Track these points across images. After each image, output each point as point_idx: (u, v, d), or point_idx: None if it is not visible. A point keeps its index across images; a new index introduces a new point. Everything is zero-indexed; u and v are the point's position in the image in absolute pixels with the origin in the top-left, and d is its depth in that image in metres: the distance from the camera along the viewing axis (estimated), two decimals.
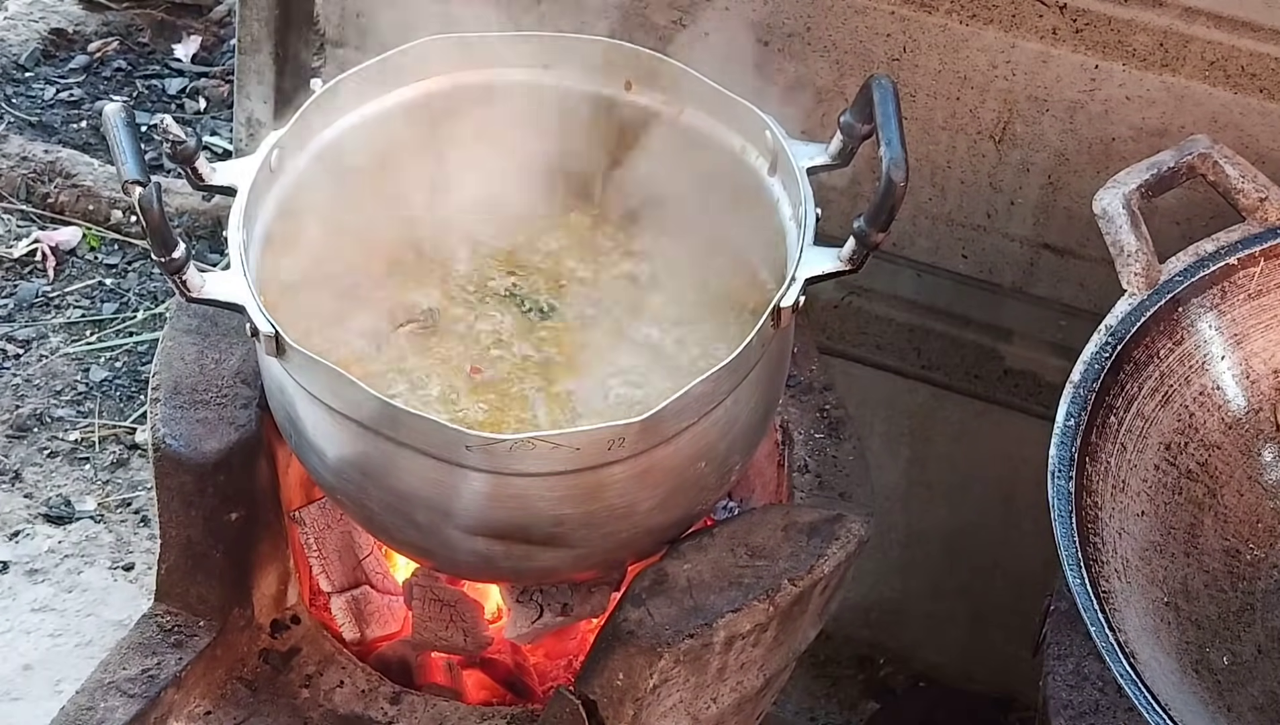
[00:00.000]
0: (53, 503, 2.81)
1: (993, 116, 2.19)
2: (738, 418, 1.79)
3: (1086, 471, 1.80)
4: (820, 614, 1.92)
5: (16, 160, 3.28)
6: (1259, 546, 1.90)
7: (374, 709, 1.94)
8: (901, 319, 2.37)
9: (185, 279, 1.71)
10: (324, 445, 1.78)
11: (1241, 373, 1.92)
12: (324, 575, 2.01)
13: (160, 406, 1.93)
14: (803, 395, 2.06)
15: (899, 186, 1.69)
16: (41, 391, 2.97)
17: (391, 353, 1.87)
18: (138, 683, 1.90)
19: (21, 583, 2.70)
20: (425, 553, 1.88)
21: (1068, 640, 1.85)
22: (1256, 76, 2.04)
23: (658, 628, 1.77)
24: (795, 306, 1.74)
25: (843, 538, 1.87)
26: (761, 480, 2.09)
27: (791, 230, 1.84)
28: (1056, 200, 2.21)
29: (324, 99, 1.90)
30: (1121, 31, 2.07)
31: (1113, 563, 1.77)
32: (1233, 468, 1.91)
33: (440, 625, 1.97)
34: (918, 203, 2.27)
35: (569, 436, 1.67)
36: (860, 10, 2.17)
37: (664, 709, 1.82)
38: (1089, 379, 1.85)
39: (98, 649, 2.57)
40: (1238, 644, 1.83)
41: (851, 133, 1.84)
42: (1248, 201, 1.94)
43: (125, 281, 3.17)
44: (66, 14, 3.63)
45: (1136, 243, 1.89)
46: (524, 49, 1.98)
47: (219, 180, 1.82)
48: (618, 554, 1.86)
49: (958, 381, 2.38)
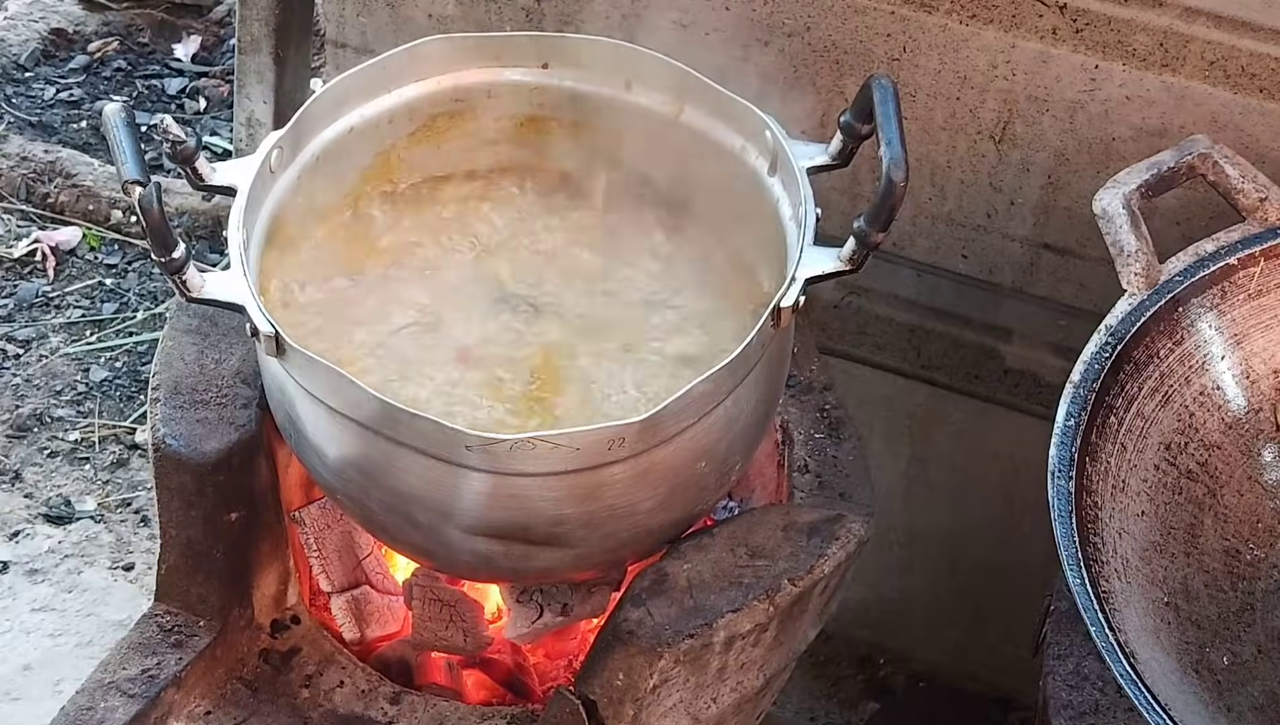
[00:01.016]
0: (53, 503, 2.81)
1: (993, 116, 2.19)
2: (738, 418, 1.79)
3: (1086, 471, 1.80)
4: (820, 614, 1.92)
5: (16, 160, 3.28)
6: (1259, 546, 1.90)
7: (374, 709, 1.94)
8: (901, 319, 2.37)
9: (185, 279, 1.71)
10: (324, 445, 1.78)
11: (1241, 373, 1.92)
12: (324, 575, 2.01)
13: (160, 406, 1.93)
14: (803, 395, 2.06)
15: (899, 186, 1.69)
16: (41, 391, 2.97)
17: (392, 352, 1.87)
18: (138, 683, 1.90)
19: (21, 583, 2.70)
20: (425, 553, 1.88)
21: (1068, 640, 1.85)
22: (1256, 76, 2.04)
23: (658, 628, 1.77)
24: (795, 306, 1.74)
25: (843, 538, 1.87)
26: (761, 480, 2.09)
27: (791, 230, 1.84)
28: (1056, 200, 2.21)
29: (324, 99, 1.90)
30: (1121, 31, 2.07)
31: (1113, 563, 1.77)
32: (1233, 468, 1.91)
33: (440, 625, 1.97)
34: (918, 203, 2.27)
35: (569, 436, 1.67)
36: (860, 10, 2.17)
37: (664, 709, 1.82)
38: (1089, 379, 1.85)
39: (98, 649, 2.57)
40: (1238, 644, 1.83)
41: (851, 133, 1.84)
42: (1248, 201, 1.94)
43: (125, 281, 3.17)
44: (66, 14, 3.63)
45: (1136, 243, 1.89)
46: (524, 49, 1.98)
47: (219, 180, 1.82)
48: (618, 554, 1.86)
49: (958, 381, 2.38)
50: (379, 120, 1.95)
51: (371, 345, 1.87)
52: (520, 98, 1.99)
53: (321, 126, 1.91)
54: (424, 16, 2.35)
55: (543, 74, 1.99)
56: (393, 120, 1.96)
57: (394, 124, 1.96)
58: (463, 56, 1.96)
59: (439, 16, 2.36)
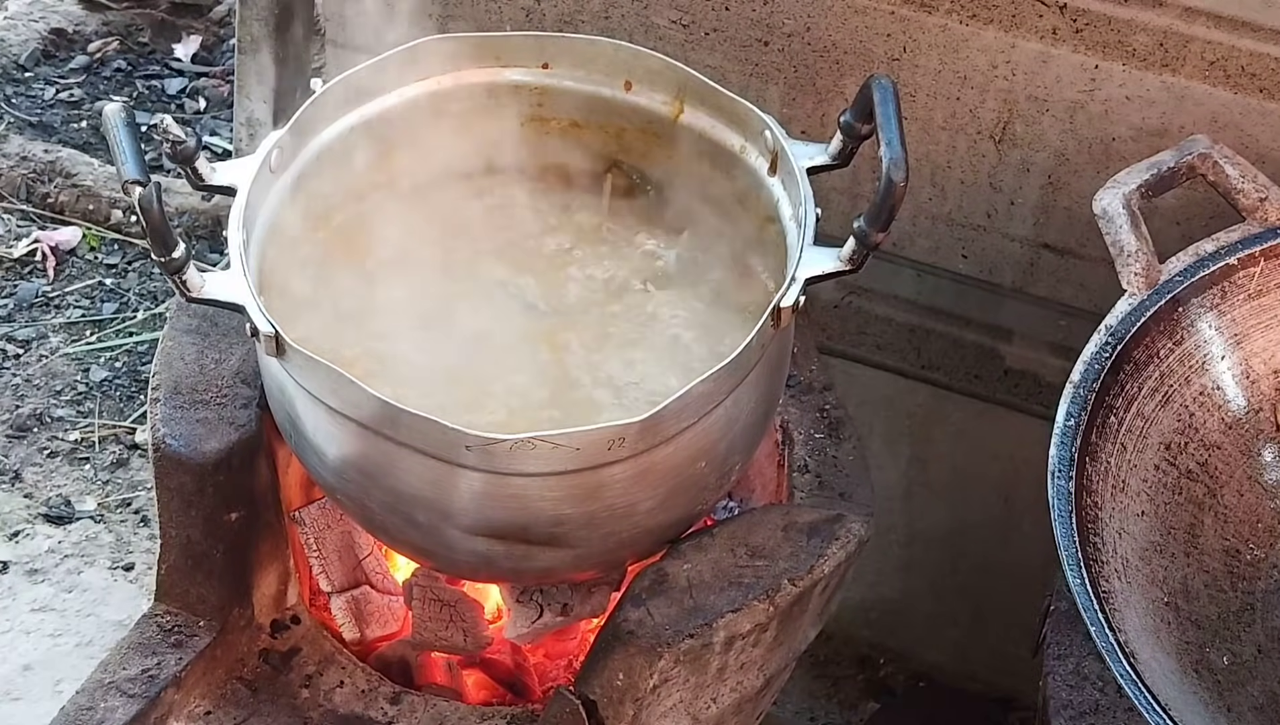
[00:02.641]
0: (53, 503, 2.81)
1: (993, 116, 2.19)
2: (738, 418, 1.79)
3: (1086, 471, 1.80)
4: (820, 614, 1.92)
5: (16, 160, 3.28)
6: (1259, 546, 1.90)
7: (374, 709, 1.94)
8: (901, 319, 2.37)
9: (185, 279, 1.71)
10: (324, 445, 1.78)
11: (1241, 373, 1.92)
12: (324, 575, 2.01)
13: (160, 406, 1.93)
14: (803, 395, 2.06)
15: (899, 186, 1.69)
16: (41, 391, 2.97)
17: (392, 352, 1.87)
18: (138, 683, 1.90)
19: (21, 583, 2.70)
20: (425, 553, 1.88)
21: (1068, 640, 1.85)
22: (1256, 76, 2.04)
23: (658, 628, 1.77)
24: (795, 306, 1.74)
25: (843, 538, 1.87)
26: (761, 480, 2.09)
27: (791, 230, 1.84)
28: (1056, 200, 2.21)
29: (324, 99, 1.90)
30: (1121, 31, 2.07)
31: (1113, 563, 1.77)
32: (1233, 468, 1.91)
33: (440, 625, 1.97)
34: (918, 203, 2.27)
35: (569, 436, 1.67)
36: (860, 10, 2.17)
37: (664, 709, 1.82)
38: (1089, 379, 1.85)
39: (98, 649, 2.57)
40: (1238, 644, 1.83)
41: (851, 133, 1.84)
42: (1248, 201, 1.94)
43: (125, 281, 3.17)
44: (66, 14, 3.63)
45: (1136, 243, 1.89)
46: (524, 49, 1.98)
47: (219, 180, 1.82)
48: (618, 554, 1.86)
49: (958, 381, 2.38)
50: (379, 120, 1.95)
51: (372, 345, 1.87)
52: (520, 98, 1.99)
53: (321, 126, 1.91)
54: (424, 16, 2.35)
55: (543, 74, 1.99)
56: (393, 120, 1.96)
57: (394, 124, 1.96)
58: (463, 56, 1.96)
59: (439, 16, 2.36)
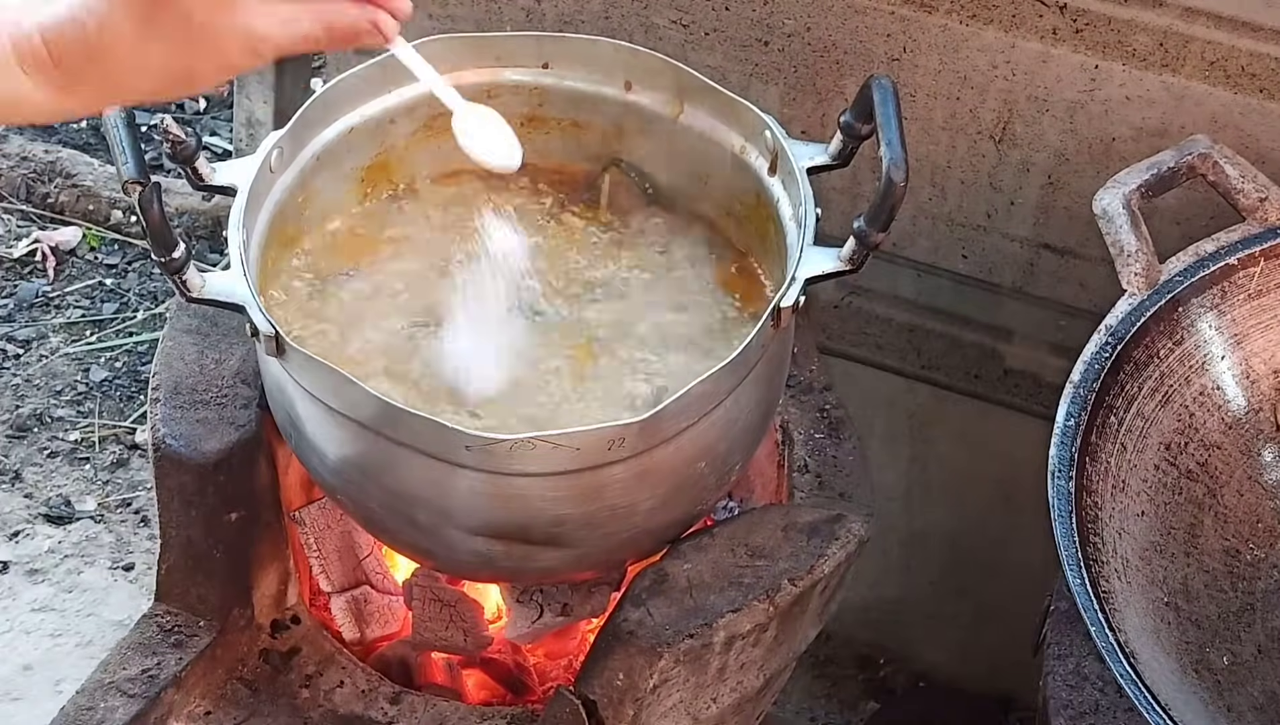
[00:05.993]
0: (53, 503, 2.81)
1: (993, 116, 2.19)
2: (738, 418, 1.79)
3: (1086, 471, 1.80)
4: (820, 614, 1.92)
5: (16, 160, 3.28)
6: (1259, 546, 1.90)
7: (374, 709, 1.94)
8: (901, 319, 2.37)
9: (185, 279, 1.71)
10: (324, 445, 1.78)
11: (1241, 373, 1.92)
12: (324, 575, 2.01)
13: (160, 406, 1.93)
14: (803, 395, 2.06)
15: (899, 186, 1.69)
16: (41, 391, 2.97)
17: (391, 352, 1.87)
18: (138, 683, 1.90)
19: (21, 583, 2.70)
20: (425, 553, 1.88)
21: (1068, 640, 1.85)
22: (1256, 76, 2.04)
23: (658, 628, 1.77)
24: (795, 306, 1.74)
25: (843, 538, 1.87)
26: (761, 480, 2.09)
27: (791, 230, 1.84)
28: (1056, 200, 2.21)
29: (324, 99, 1.90)
30: (1121, 31, 2.07)
31: (1113, 563, 1.77)
32: (1233, 468, 1.91)
33: (440, 625, 1.97)
34: (918, 203, 2.27)
35: (569, 436, 1.67)
36: (860, 10, 2.17)
37: (664, 709, 1.82)
38: (1089, 379, 1.85)
39: (98, 649, 2.57)
40: (1238, 644, 1.83)
41: (851, 133, 1.84)
42: (1248, 201, 1.94)
43: (125, 281, 3.17)
44: None
45: (1136, 243, 1.89)
46: (524, 49, 1.98)
47: (219, 180, 1.82)
48: (618, 554, 1.86)
49: (958, 381, 2.38)
50: (379, 120, 1.95)
51: (371, 345, 1.87)
52: (520, 98, 1.99)
53: (321, 126, 1.91)
54: (424, 16, 2.35)
55: (543, 74, 1.99)
56: (393, 120, 1.96)
57: (394, 124, 1.96)
58: (463, 56, 1.95)
59: (439, 16, 2.36)
